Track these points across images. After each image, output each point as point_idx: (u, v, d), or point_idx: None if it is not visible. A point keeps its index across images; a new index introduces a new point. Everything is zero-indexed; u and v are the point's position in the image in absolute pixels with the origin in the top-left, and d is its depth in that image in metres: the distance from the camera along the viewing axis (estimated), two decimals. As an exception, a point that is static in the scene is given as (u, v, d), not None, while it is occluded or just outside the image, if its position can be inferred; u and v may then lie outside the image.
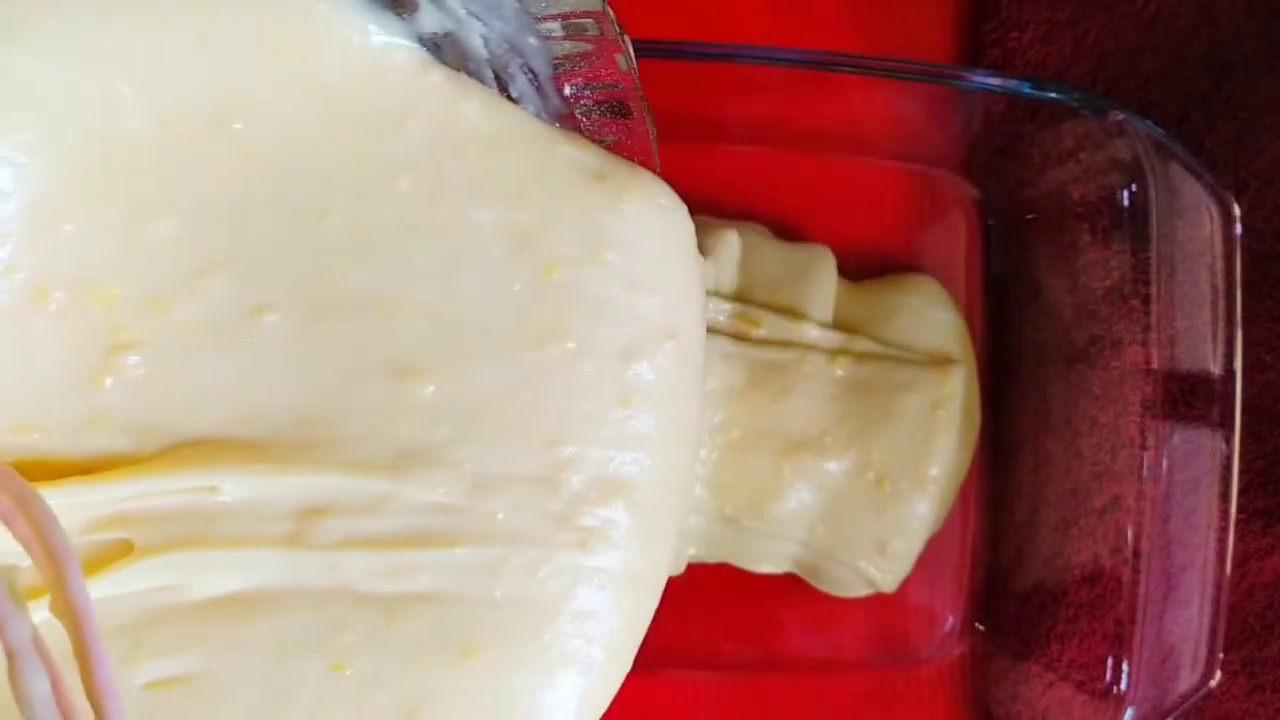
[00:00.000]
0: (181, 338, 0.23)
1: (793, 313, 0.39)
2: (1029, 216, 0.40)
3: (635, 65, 0.25)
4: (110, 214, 0.22)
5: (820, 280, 0.39)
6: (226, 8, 0.22)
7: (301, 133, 0.23)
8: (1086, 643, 0.36)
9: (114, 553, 0.22)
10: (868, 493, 0.38)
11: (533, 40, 0.24)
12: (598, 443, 0.24)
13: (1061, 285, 0.38)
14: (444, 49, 0.24)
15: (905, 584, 0.39)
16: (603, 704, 0.25)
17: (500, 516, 0.23)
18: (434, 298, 0.23)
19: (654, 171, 0.25)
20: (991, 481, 0.40)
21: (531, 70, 0.25)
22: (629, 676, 0.40)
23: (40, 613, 0.19)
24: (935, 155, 0.41)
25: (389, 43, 0.23)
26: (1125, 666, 0.34)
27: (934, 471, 0.38)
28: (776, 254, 0.40)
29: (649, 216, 0.25)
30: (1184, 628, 0.34)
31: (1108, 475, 0.35)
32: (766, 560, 0.39)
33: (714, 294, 0.38)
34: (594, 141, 0.25)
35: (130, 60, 0.21)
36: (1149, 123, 0.34)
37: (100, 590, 0.22)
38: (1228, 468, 0.34)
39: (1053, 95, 0.34)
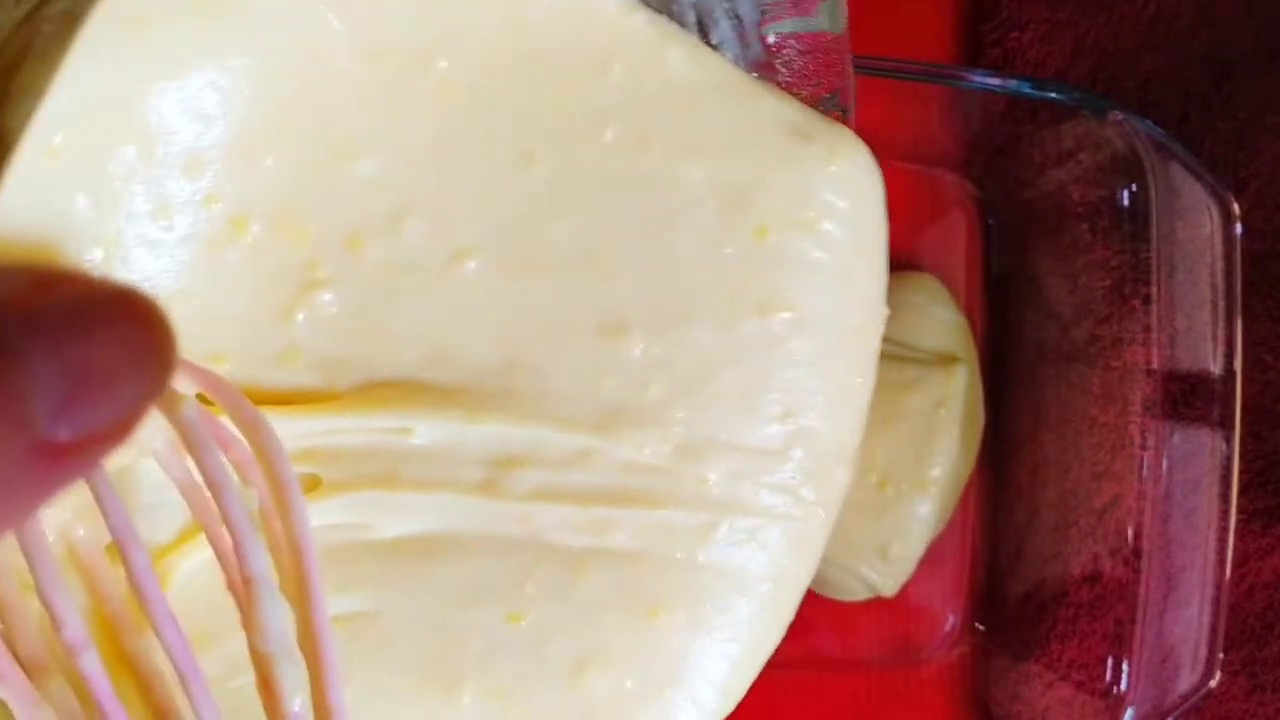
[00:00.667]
0: (377, 278, 0.22)
1: None
2: (1029, 216, 0.40)
3: (845, 18, 0.24)
4: (312, 150, 0.22)
5: None
6: None
7: (506, 75, 0.22)
8: (1086, 643, 0.36)
9: (303, 487, 0.22)
10: (870, 495, 0.38)
11: None
12: (821, 417, 0.25)
13: (1061, 285, 0.38)
14: None
15: (905, 584, 0.39)
16: (757, 672, 0.25)
17: (713, 481, 0.24)
18: (643, 255, 0.23)
19: (853, 129, 0.25)
20: (991, 481, 0.40)
21: (737, 14, 0.24)
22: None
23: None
24: (935, 155, 0.41)
25: None
26: (1125, 666, 0.34)
27: (936, 472, 0.38)
28: None
29: (858, 178, 0.24)
30: (1184, 628, 0.34)
31: (1108, 475, 0.35)
32: None
33: None
34: (793, 94, 0.24)
35: None
36: (1149, 123, 0.34)
37: None
38: (1228, 468, 0.34)
39: (1053, 95, 0.34)
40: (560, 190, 0.23)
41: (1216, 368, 0.34)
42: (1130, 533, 0.34)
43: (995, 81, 0.34)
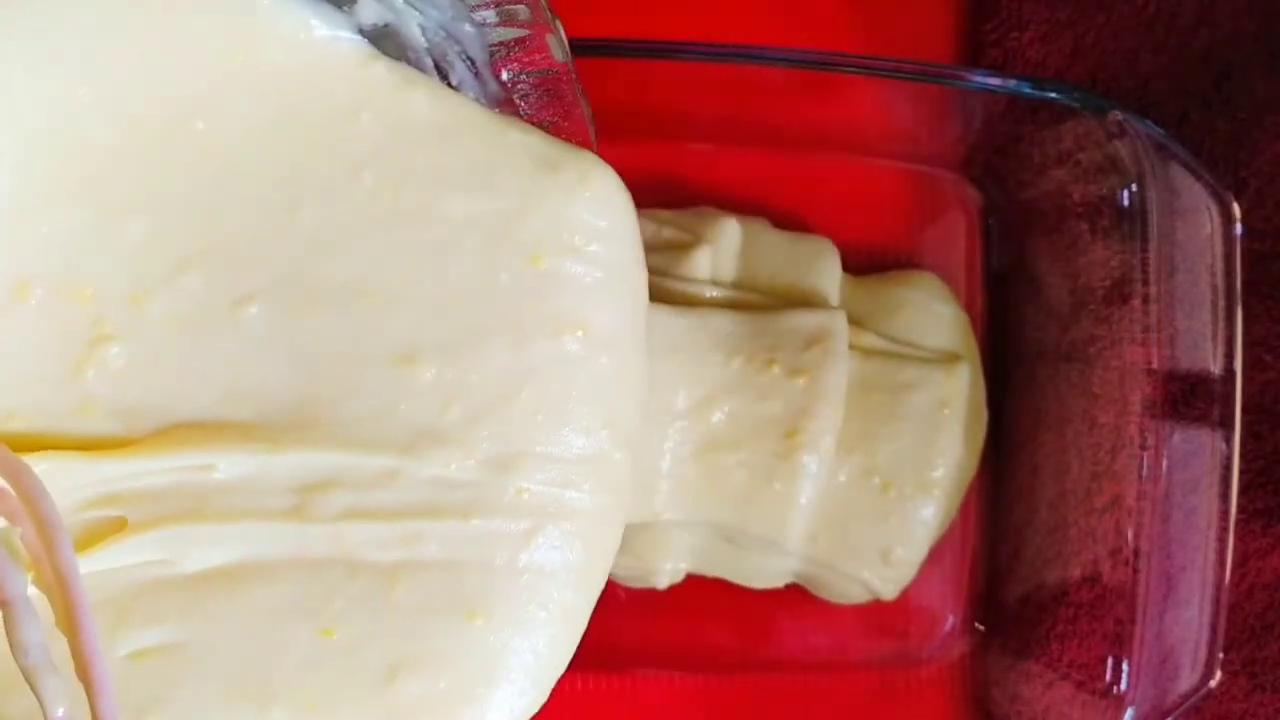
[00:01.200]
0: (163, 329, 0.24)
1: (800, 298, 0.38)
2: (1029, 216, 0.40)
3: (569, 49, 0.26)
4: (83, 214, 0.23)
5: (826, 269, 0.39)
6: (169, 8, 0.23)
7: (262, 130, 0.24)
8: (1086, 642, 0.36)
9: (107, 529, 0.23)
10: (872, 498, 0.37)
11: (468, 28, 0.25)
12: (628, 425, 0.26)
13: (1061, 285, 0.38)
14: (385, 40, 0.25)
15: (906, 588, 0.39)
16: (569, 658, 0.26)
17: (532, 490, 0.25)
18: (420, 287, 0.25)
19: (594, 152, 0.26)
20: (991, 481, 0.40)
21: (469, 57, 0.26)
22: (634, 678, 0.40)
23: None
24: (935, 155, 0.41)
25: (332, 36, 0.24)
26: (1125, 666, 0.34)
27: (939, 474, 0.37)
28: (780, 243, 0.39)
29: (611, 198, 0.26)
30: (1184, 628, 0.34)
31: (1107, 475, 0.35)
32: (765, 578, 0.39)
33: (713, 282, 0.38)
34: (535, 125, 0.26)
35: (83, 62, 0.22)
36: (1149, 123, 0.34)
37: (91, 565, 0.23)
38: (1228, 467, 0.34)
39: (1052, 95, 0.34)
40: (330, 232, 0.24)
41: (1216, 368, 0.34)
42: (1130, 532, 0.34)
43: (995, 81, 0.34)
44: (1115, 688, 0.34)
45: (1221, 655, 0.34)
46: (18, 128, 0.22)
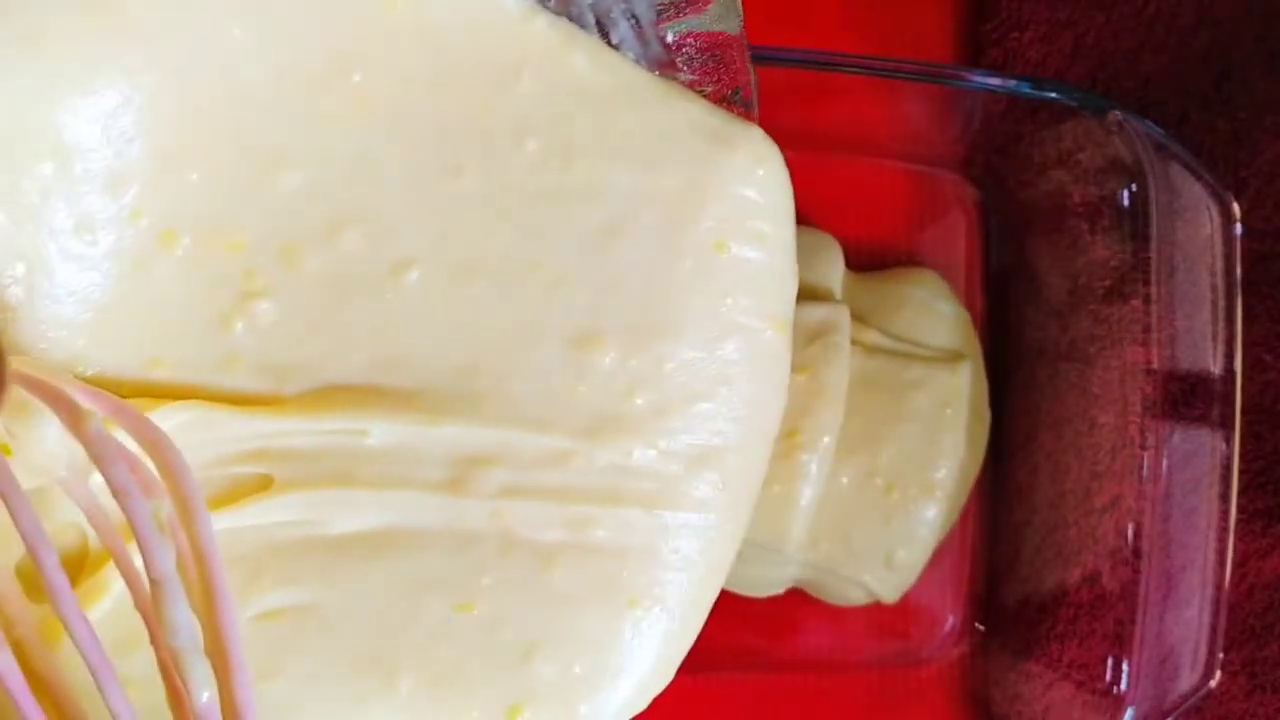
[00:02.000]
0: (317, 288, 0.23)
1: (802, 292, 0.38)
2: (1029, 216, 0.40)
3: (741, 15, 0.25)
4: (235, 164, 0.22)
5: (829, 263, 0.38)
6: None
7: (422, 87, 0.23)
8: (1086, 642, 0.36)
9: (251, 485, 0.23)
10: (875, 500, 0.37)
11: None
12: (781, 419, 0.26)
13: (1061, 284, 0.38)
14: None
15: (907, 591, 0.39)
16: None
17: (718, 485, 0.25)
18: (593, 266, 0.24)
19: (758, 123, 0.26)
20: (991, 481, 0.40)
21: (634, 15, 0.24)
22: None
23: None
24: (936, 155, 0.41)
25: None
26: (1125, 666, 0.34)
27: (942, 474, 0.37)
28: None
29: (777, 177, 0.25)
30: (1184, 628, 0.34)
31: (1107, 475, 0.35)
32: (765, 588, 0.38)
33: None
34: (696, 91, 0.25)
35: (238, 1, 0.21)
36: (1149, 123, 0.34)
37: (232, 521, 0.22)
38: (1228, 468, 0.34)
39: (1053, 95, 0.34)
40: (492, 202, 0.23)
41: (1216, 367, 0.34)
42: (1130, 532, 0.34)
43: (995, 81, 0.34)
44: (1115, 687, 0.34)
45: (1221, 655, 0.34)
46: (175, 70, 0.21)
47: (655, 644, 0.24)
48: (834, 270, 0.38)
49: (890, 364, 0.38)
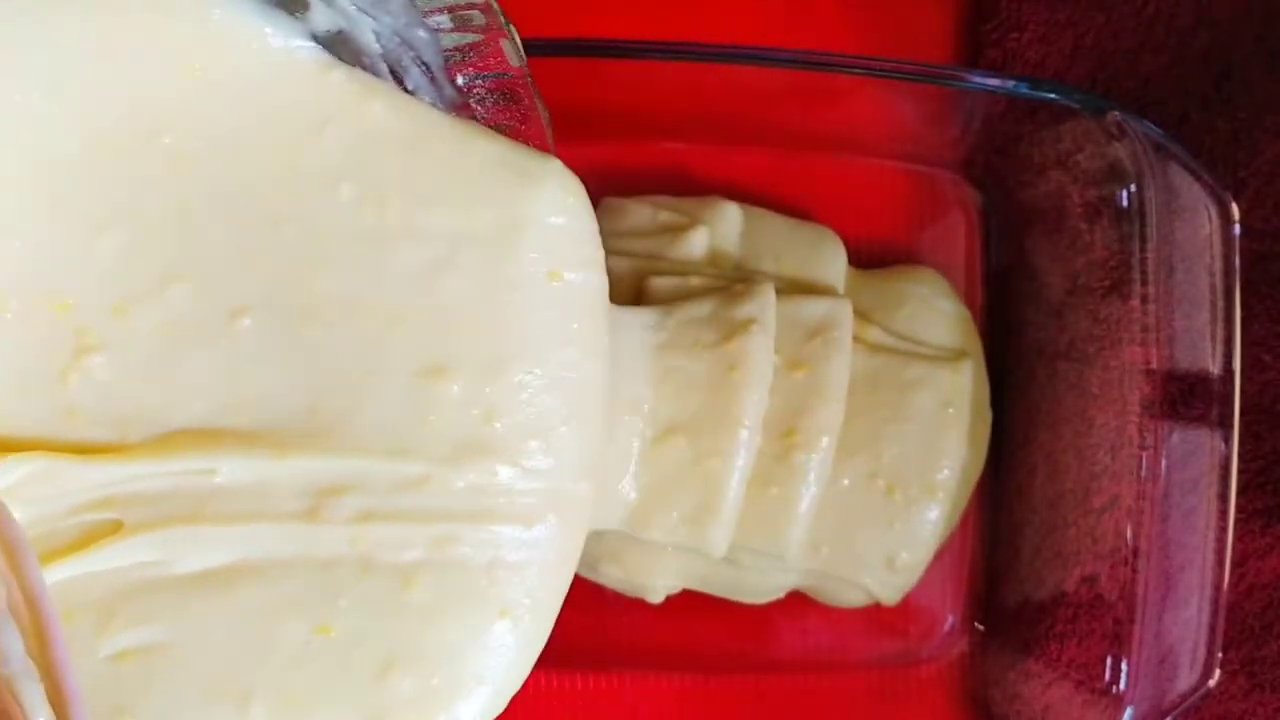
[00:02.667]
0: (152, 340, 0.24)
1: (803, 283, 0.37)
2: (1028, 216, 0.40)
3: (523, 52, 0.26)
4: (54, 229, 0.23)
5: (832, 255, 0.38)
6: (120, 18, 0.23)
7: (231, 146, 0.24)
8: (1085, 642, 0.36)
9: (101, 531, 0.23)
10: (877, 502, 0.36)
11: (422, 33, 0.25)
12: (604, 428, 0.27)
13: (1060, 285, 0.38)
14: (340, 47, 0.25)
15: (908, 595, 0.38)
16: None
17: (576, 493, 0.26)
18: (426, 303, 0.25)
19: (552, 151, 0.27)
20: (990, 481, 0.40)
21: (424, 62, 0.26)
22: (633, 678, 0.40)
23: None
24: (935, 156, 0.41)
25: (288, 45, 0.24)
26: (1124, 666, 0.34)
27: (945, 475, 0.37)
28: (784, 227, 0.39)
29: (586, 206, 0.26)
30: (1183, 627, 0.34)
31: (1106, 475, 0.35)
32: (764, 594, 0.38)
33: (711, 263, 0.37)
34: (493, 128, 0.26)
35: (38, 74, 0.23)
36: (1148, 123, 0.34)
37: (83, 567, 0.23)
38: (1226, 467, 0.34)
39: (1052, 96, 0.34)
40: (316, 248, 0.24)
41: (1215, 368, 0.34)
42: (1129, 532, 0.34)
43: (994, 82, 0.34)
44: (1114, 687, 0.34)
45: (1220, 655, 0.34)
46: None
47: (512, 650, 0.25)
48: (836, 265, 0.38)
49: (892, 362, 0.37)
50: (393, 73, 0.26)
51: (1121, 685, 0.34)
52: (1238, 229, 0.34)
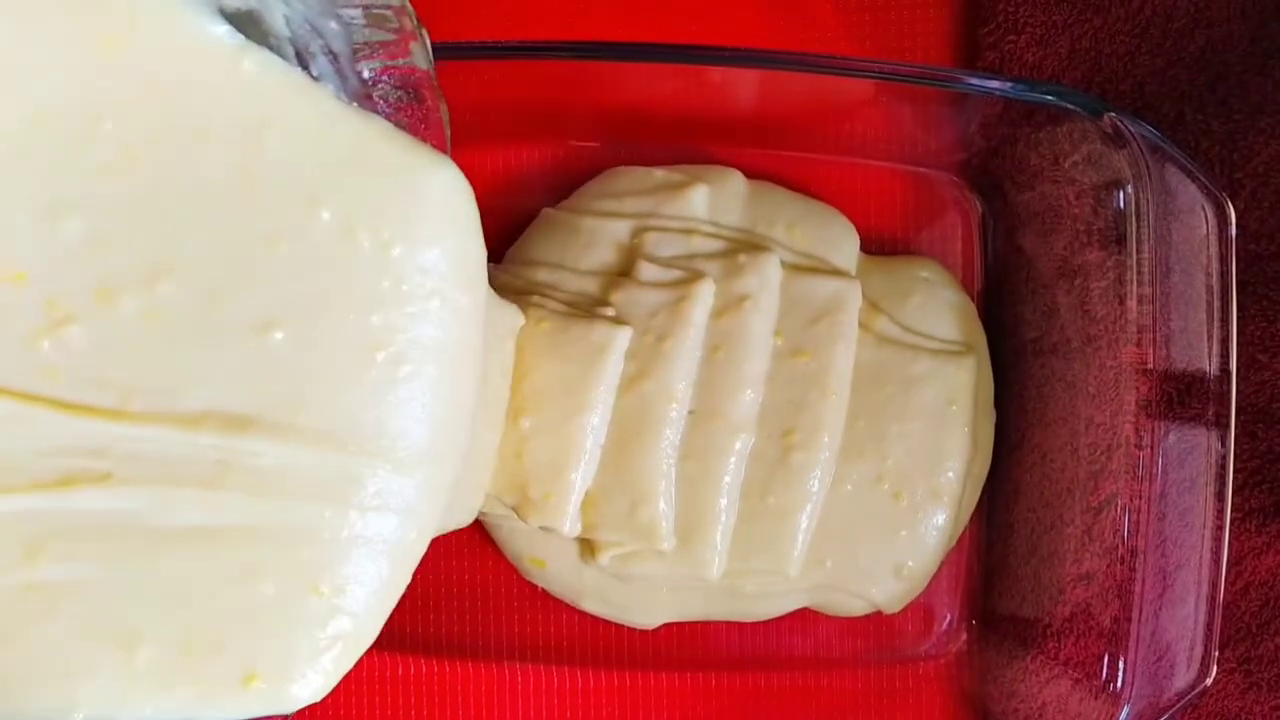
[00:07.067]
0: (139, 324, 0.24)
1: (814, 258, 0.36)
2: (1025, 217, 0.40)
3: (432, 56, 0.27)
4: (10, 210, 0.24)
5: (843, 237, 0.37)
6: (28, 7, 0.23)
7: (171, 139, 0.24)
8: (1083, 640, 0.36)
9: (86, 477, 0.24)
10: (884, 508, 0.36)
11: (333, 25, 0.26)
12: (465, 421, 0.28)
13: (1057, 285, 0.38)
14: (249, 25, 0.25)
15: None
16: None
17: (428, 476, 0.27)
18: (269, 269, 0.25)
19: (448, 154, 0.27)
20: (989, 479, 0.41)
21: (332, 51, 0.26)
22: (633, 676, 0.40)
23: None
24: (932, 157, 0.41)
25: (198, 25, 0.24)
26: (1121, 664, 0.34)
27: (951, 477, 0.36)
28: (795, 199, 0.38)
29: (462, 208, 0.27)
30: (1180, 625, 0.34)
31: (1104, 474, 0.35)
32: (770, 614, 0.38)
33: (713, 223, 0.36)
34: (391, 122, 0.27)
35: None
36: (1144, 124, 0.34)
37: (42, 503, 0.24)
38: (1223, 466, 0.34)
39: (1048, 97, 0.34)
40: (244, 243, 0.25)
41: (1212, 367, 0.34)
42: (1126, 531, 0.34)
43: (992, 84, 0.34)
44: (1111, 685, 0.34)
45: (1217, 653, 0.34)
46: None
47: (370, 592, 0.26)
48: (848, 247, 0.37)
49: (898, 356, 0.36)
50: (299, 57, 0.26)
51: (1118, 683, 0.34)
52: (1234, 230, 0.34)
